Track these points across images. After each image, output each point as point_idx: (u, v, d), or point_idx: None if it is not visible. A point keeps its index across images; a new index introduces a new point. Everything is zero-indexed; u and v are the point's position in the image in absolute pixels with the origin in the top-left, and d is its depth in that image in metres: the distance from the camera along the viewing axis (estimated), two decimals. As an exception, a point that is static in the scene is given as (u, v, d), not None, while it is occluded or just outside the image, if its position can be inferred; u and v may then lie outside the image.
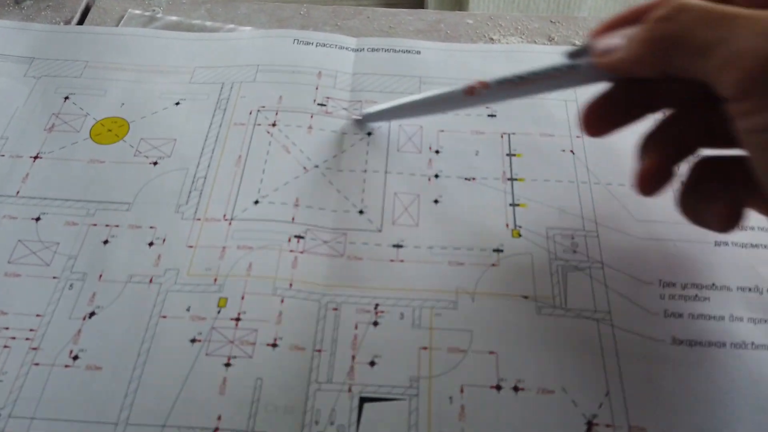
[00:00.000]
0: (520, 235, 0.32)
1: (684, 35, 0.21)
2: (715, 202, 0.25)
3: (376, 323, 0.29)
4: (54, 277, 0.30)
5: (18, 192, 0.33)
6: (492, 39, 0.40)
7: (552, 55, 0.39)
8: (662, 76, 0.23)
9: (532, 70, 0.27)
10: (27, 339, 0.28)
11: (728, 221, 0.24)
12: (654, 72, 0.23)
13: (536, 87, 0.27)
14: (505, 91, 0.29)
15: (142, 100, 0.37)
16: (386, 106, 0.34)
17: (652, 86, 0.25)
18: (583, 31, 0.41)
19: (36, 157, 0.35)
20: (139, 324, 0.29)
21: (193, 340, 0.28)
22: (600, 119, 0.27)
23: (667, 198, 0.29)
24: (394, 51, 0.40)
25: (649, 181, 0.26)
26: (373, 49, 0.40)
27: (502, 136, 0.35)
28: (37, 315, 0.29)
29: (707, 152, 0.26)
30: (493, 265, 0.31)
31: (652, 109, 0.27)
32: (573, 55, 0.26)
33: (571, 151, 0.35)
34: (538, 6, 0.92)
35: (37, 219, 0.32)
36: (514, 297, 0.30)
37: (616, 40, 0.24)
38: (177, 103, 0.37)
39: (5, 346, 0.28)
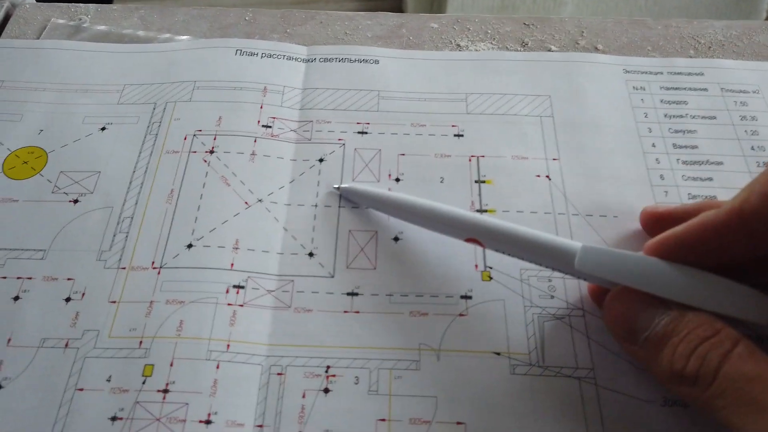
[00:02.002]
0: (490, 278, 0.28)
1: None
2: None
3: (326, 390, 0.25)
4: (-47, 344, 0.26)
5: None
6: (459, 45, 0.36)
7: (525, 63, 0.35)
8: None
9: (533, 254, 0.25)
10: None
11: None
12: None
13: (534, 261, 0.25)
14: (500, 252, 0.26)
15: (63, 125, 0.33)
16: (371, 190, 0.29)
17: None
18: (559, 34, 0.37)
19: (-62, 197, 0.30)
20: (52, 399, 0.25)
21: (113, 418, 0.24)
22: None
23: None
24: (350, 60, 0.35)
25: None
26: (325, 59, 0.35)
27: (470, 159, 0.31)
28: (-68, 392, 0.25)
29: None
30: (461, 315, 0.27)
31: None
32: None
33: (547, 177, 0.31)
34: (517, 8, 0.88)
35: (-63, 272, 0.28)
36: (485, 354, 0.26)
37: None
38: (103, 128, 0.33)
39: None
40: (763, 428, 0.18)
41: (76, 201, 0.30)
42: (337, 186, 0.30)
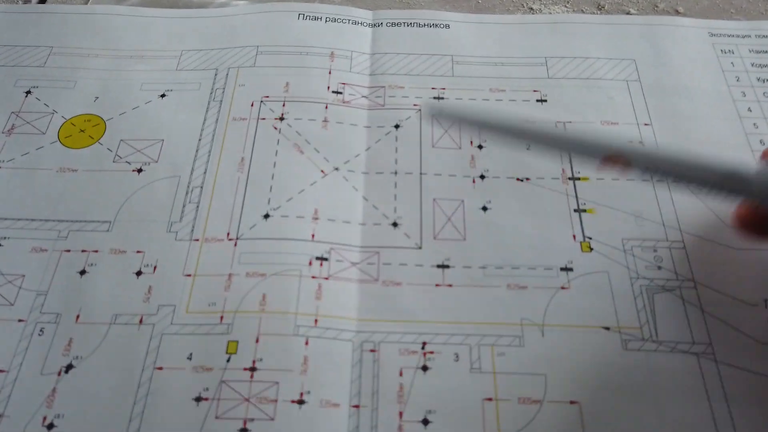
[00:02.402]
0: (591, 249, 0.26)
1: None
2: None
3: (425, 368, 0.23)
4: (20, 320, 0.24)
5: (-29, 212, 0.27)
6: (532, 9, 0.34)
7: (604, 27, 0.33)
8: None
9: (692, 169, 0.20)
10: (-12, 403, 0.22)
11: None
12: None
13: (691, 184, 0.20)
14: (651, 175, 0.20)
15: (119, 92, 0.31)
16: (474, 115, 0.22)
17: None
18: (637, -4, 0.35)
19: (-7, 167, 0.28)
20: (130, 379, 0.23)
21: (198, 399, 0.22)
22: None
23: None
24: (418, 25, 0.33)
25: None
26: (393, 23, 0.33)
27: (556, 126, 0.29)
28: (1, 371, 0.23)
29: None
30: (563, 287, 0.25)
31: None
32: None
33: (641, 143, 0.29)
34: None
35: (-4, 245, 0.26)
36: (593, 329, 0.24)
37: None
38: (162, 95, 0.31)
39: (-40, 414, 0.22)
40: None
41: (140, 170, 0.28)
42: (430, 112, 0.24)
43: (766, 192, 0.19)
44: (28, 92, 0.31)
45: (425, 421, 0.22)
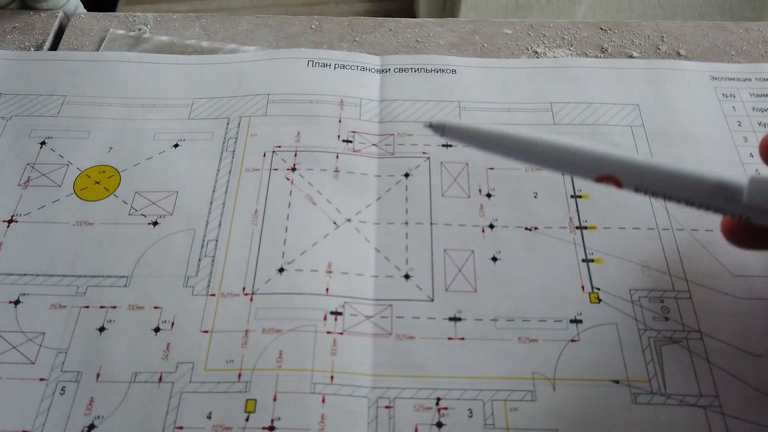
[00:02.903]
0: (599, 300, 0.27)
1: None
2: None
3: (440, 424, 0.24)
4: (41, 379, 0.25)
5: (-10, 268, 0.27)
6: (536, 52, 0.35)
7: (608, 71, 0.34)
8: None
9: (688, 191, 0.20)
10: (12, 465, 0.23)
11: None
12: None
13: (683, 200, 0.21)
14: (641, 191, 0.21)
15: (133, 142, 0.31)
16: (474, 127, 0.22)
17: None
18: (639, 39, 0.35)
19: (10, 221, 0.29)
20: (151, 438, 0.23)
21: (219, 459, 0.23)
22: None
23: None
24: (425, 70, 0.34)
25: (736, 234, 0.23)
26: (400, 69, 0.34)
27: (563, 173, 0.30)
28: (24, 431, 0.24)
29: None
30: (573, 340, 0.26)
31: None
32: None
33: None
34: (532, 8, 0.87)
35: (16, 302, 0.27)
36: (603, 382, 0.25)
37: None
38: (176, 145, 0.31)
39: (-15, 476, 0.23)
40: None
41: (155, 223, 0.29)
42: (429, 123, 0.23)
43: (754, 206, 0.20)
44: (43, 143, 0.31)
45: (441, 479, 0.23)
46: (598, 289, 0.27)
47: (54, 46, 0.36)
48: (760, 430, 0.23)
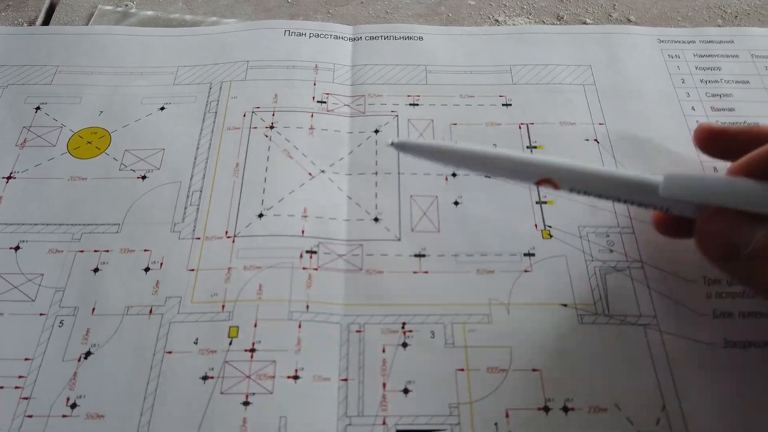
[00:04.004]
0: (551, 236, 0.29)
1: None
2: None
3: (405, 344, 0.26)
4: (41, 314, 0.27)
5: (-8, 219, 0.30)
6: (497, 21, 0.38)
7: (563, 36, 0.36)
8: None
9: (614, 189, 0.23)
10: (16, 387, 0.25)
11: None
12: None
13: (612, 197, 0.24)
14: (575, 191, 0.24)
15: (122, 106, 0.34)
16: (430, 142, 0.27)
17: None
18: (592, 8, 0.38)
19: (9, 178, 0.31)
20: (143, 362, 0.26)
21: (204, 378, 0.25)
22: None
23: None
24: (394, 38, 0.37)
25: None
26: (371, 37, 0.37)
27: (520, 127, 0.33)
28: (26, 359, 0.26)
29: None
30: (526, 271, 0.28)
31: None
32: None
33: (596, 140, 0.32)
34: None
35: (16, 248, 0.29)
36: (553, 306, 0.27)
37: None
38: (162, 108, 0.34)
39: (-8, 397, 0.25)
40: None
41: (144, 177, 0.31)
42: (391, 141, 0.26)
43: (669, 200, 0.23)
44: (38, 108, 0.34)
45: (405, 390, 0.25)
46: (550, 226, 0.29)
47: (46, 23, 0.38)
48: (693, 345, 0.26)
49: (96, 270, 0.28)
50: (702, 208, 0.23)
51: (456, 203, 0.30)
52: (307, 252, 0.28)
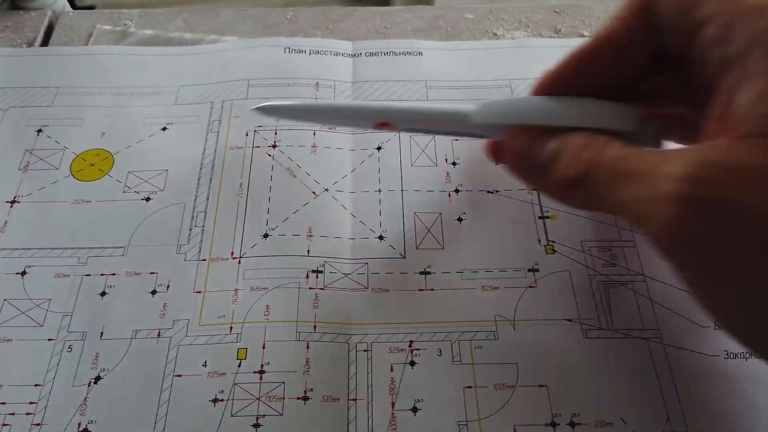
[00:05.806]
0: (554, 251, 0.29)
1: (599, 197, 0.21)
2: None
3: (413, 363, 0.27)
4: (49, 339, 0.27)
5: (-3, 243, 0.30)
6: (496, 34, 0.38)
7: (561, 49, 0.37)
8: None
9: (436, 123, 0.27)
10: (28, 414, 0.25)
11: None
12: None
13: (439, 131, 0.29)
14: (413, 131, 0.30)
15: (124, 127, 0.34)
16: (290, 103, 0.29)
17: None
18: (589, 20, 0.39)
19: (13, 202, 0.31)
20: (152, 386, 0.26)
21: (214, 400, 0.25)
22: None
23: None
24: (394, 54, 0.37)
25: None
26: (371, 53, 0.37)
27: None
28: (36, 384, 0.26)
29: None
30: (531, 286, 0.28)
31: None
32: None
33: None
34: None
35: (23, 273, 0.29)
36: (557, 321, 0.27)
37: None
38: (164, 128, 0.34)
39: (4, 424, 0.25)
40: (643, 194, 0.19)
41: (148, 199, 0.31)
42: (253, 107, 0.29)
43: (483, 126, 0.26)
44: (40, 130, 0.34)
45: (414, 409, 0.25)
46: (553, 242, 0.30)
47: (44, 43, 0.39)
48: (694, 356, 0.26)
49: (103, 293, 0.28)
50: (508, 130, 0.25)
51: (460, 219, 0.31)
52: (313, 272, 0.29)
